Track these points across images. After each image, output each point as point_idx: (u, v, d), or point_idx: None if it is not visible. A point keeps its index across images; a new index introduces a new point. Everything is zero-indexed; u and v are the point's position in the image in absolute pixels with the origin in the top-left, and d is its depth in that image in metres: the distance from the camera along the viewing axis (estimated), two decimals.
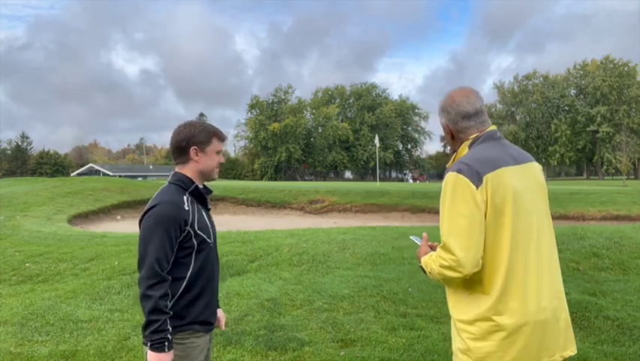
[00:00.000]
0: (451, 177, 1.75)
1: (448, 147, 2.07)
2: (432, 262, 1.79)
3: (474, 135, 1.89)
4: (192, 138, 2.13)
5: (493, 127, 1.92)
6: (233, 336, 4.31)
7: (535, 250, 1.78)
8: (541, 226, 1.83)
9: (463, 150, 1.89)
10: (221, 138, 2.21)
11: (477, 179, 1.71)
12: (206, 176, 2.19)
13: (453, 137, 1.95)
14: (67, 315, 5.02)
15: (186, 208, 2.05)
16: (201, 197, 2.18)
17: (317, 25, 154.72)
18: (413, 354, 3.89)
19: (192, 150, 2.13)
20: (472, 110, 1.88)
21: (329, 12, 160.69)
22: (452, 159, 1.93)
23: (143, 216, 2.05)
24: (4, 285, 6.53)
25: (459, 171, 1.73)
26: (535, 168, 1.92)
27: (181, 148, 2.14)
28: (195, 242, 2.06)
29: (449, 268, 1.70)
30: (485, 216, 1.71)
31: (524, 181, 1.81)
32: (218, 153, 2.20)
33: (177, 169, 2.18)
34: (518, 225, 1.75)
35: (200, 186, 2.20)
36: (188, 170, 2.15)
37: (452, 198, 1.72)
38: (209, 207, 2.27)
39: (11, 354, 4.07)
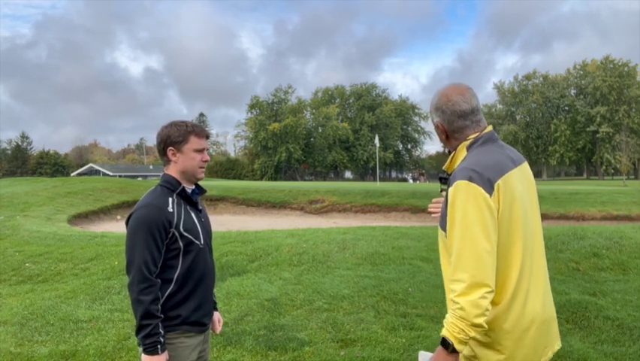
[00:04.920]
0: (461, 185, 1.63)
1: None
2: (453, 308, 1.58)
3: (473, 136, 1.80)
4: (168, 139, 2.11)
5: (490, 127, 1.85)
6: (233, 336, 4.31)
7: (536, 251, 1.78)
8: (536, 223, 1.83)
9: (461, 151, 1.81)
10: (200, 134, 2.15)
11: (489, 186, 1.63)
12: (189, 176, 2.16)
13: (447, 137, 1.86)
14: (67, 315, 5.02)
15: (170, 210, 2.04)
16: (190, 198, 2.15)
17: (322, 24, 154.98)
18: (413, 354, 3.89)
19: (169, 151, 2.12)
20: (467, 108, 1.79)
21: (334, 11, 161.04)
22: (450, 160, 1.86)
23: (128, 219, 2.05)
24: (4, 285, 6.53)
25: (470, 179, 1.62)
26: (527, 167, 1.91)
27: (160, 150, 2.14)
28: (181, 244, 2.05)
29: (475, 285, 1.56)
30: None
31: (522, 183, 1.78)
32: (199, 151, 2.14)
33: (164, 170, 2.17)
34: (525, 229, 1.72)
35: (190, 187, 2.18)
36: (172, 171, 2.14)
37: (465, 208, 1.61)
38: (200, 207, 2.23)
39: (11, 354, 4.07)
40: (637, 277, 5.96)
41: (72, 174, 63.69)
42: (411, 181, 59.84)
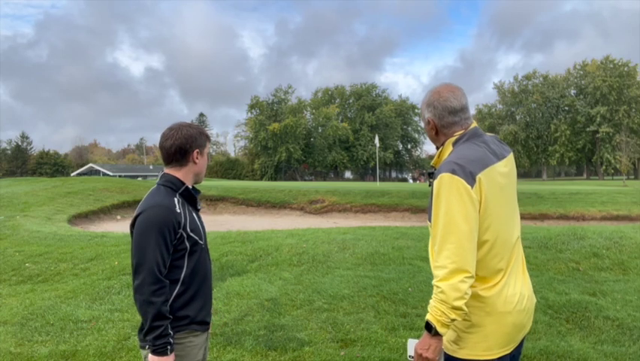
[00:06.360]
0: (445, 177, 1.73)
1: None
2: (435, 292, 1.69)
3: (459, 133, 1.90)
4: (195, 141, 2.12)
5: (475, 123, 1.95)
6: (233, 336, 4.31)
7: (515, 242, 1.89)
8: (515, 214, 1.95)
9: (448, 147, 1.91)
10: (210, 139, 2.27)
11: (471, 179, 1.72)
12: (199, 177, 2.21)
13: (437, 132, 1.96)
14: (67, 315, 5.02)
15: (178, 210, 2.03)
16: (191, 198, 2.17)
17: (323, 24, 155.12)
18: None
19: (195, 153, 2.12)
20: (458, 105, 1.90)
21: (335, 10, 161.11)
22: (437, 156, 1.96)
23: (135, 220, 2.02)
24: (4, 285, 6.53)
25: (453, 172, 1.72)
26: (511, 159, 1.98)
27: (184, 151, 2.10)
28: (188, 244, 2.06)
29: (455, 271, 1.66)
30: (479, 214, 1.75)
31: (504, 175, 1.88)
32: (208, 154, 2.26)
33: (167, 171, 2.14)
34: (503, 220, 1.83)
35: (190, 187, 2.20)
36: (182, 172, 2.13)
37: (448, 199, 1.70)
38: (199, 207, 2.25)
39: (11, 354, 4.08)
40: (637, 277, 5.96)
41: (72, 174, 63.68)
42: (411, 181, 59.82)
